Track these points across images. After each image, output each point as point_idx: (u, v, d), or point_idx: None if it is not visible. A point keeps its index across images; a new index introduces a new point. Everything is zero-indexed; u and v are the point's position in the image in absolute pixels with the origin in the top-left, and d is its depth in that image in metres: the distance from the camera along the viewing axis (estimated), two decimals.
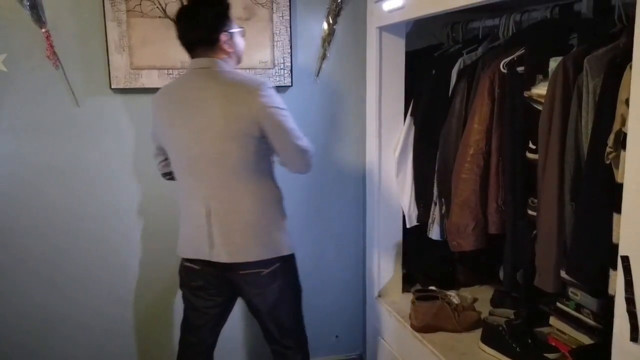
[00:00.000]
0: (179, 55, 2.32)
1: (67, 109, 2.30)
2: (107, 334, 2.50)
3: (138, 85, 2.32)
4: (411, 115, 2.46)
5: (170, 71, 2.34)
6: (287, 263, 1.97)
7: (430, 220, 2.38)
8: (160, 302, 2.54)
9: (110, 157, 2.38)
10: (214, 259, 1.87)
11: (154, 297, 2.54)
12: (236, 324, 2.61)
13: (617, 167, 1.43)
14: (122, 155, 2.40)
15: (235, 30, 1.90)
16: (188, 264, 1.96)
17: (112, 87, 2.31)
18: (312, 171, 2.60)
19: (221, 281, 1.94)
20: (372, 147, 2.55)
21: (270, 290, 1.94)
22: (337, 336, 2.80)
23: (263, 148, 1.84)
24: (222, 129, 1.78)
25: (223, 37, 1.84)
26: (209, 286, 1.96)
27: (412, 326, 2.25)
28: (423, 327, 2.22)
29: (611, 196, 1.43)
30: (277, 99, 1.83)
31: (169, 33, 2.28)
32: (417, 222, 2.50)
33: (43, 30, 2.19)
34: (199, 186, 1.86)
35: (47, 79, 2.26)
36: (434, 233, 2.36)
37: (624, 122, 1.38)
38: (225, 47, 1.85)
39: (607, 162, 1.45)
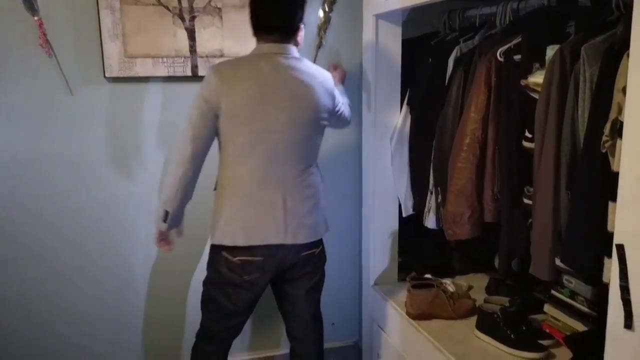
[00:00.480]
0: (173, 43, 2.31)
1: (60, 98, 2.28)
2: (108, 323, 2.50)
3: (132, 74, 2.31)
4: (407, 104, 2.46)
5: (165, 60, 2.32)
6: (323, 243, 2.09)
7: (426, 209, 2.39)
8: (163, 290, 2.54)
9: (105, 146, 2.37)
10: (288, 242, 1.92)
11: (156, 287, 2.53)
12: None
13: (613, 156, 1.43)
14: (116, 145, 2.38)
15: (303, 24, 1.95)
16: (246, 257, 1.90)
17: (106, 75, 2.29)
18: None
19: (275, 267, 1.95)
20: (368, 136, 2.55)
21: (319, 270, 2.09)
22: (333, 324, 2.81)
23: (322, 137, 2.01)
24: (313, 116, 1.89)
25: (300, 28, 1.93)
26: (262, 277, 1.95)
27: (408, 314, 2.26)
28: (419, 314, 2.23)
29: (607, 185, 1.43)
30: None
31: (164, 21, 2.27)
32: (413, 211, 2.51)
33: (35, 18, 2.17)
34: (276, 170, 1.87)
35: (40, 67, 2.24)
36: (430, 222, 2.37)
37: (620, 110, 1.38)
38: (298, 38, 1.94)
39: (603, 150, 1.46)
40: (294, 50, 1.91)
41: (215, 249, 1.94)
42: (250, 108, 1.82)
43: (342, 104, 2.11)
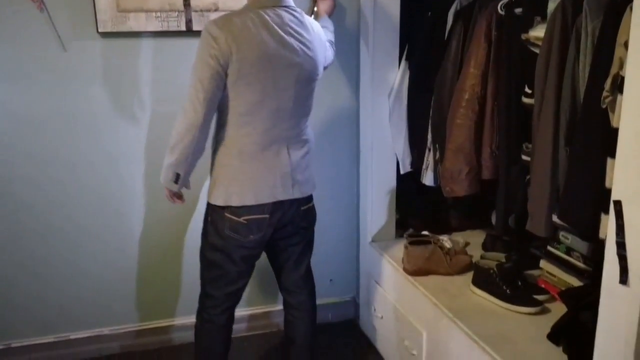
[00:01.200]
0: None
1: (53, 54, 2.24)
2: (107, 278, 2.53)
3: (126, 29, 2.26)
4: (406, 59, 2.42)
5: (159, 14, 2.27)
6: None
7: (424, 166, 2.39)
8: (160, 246, 2.56)
9: (99, 103, 2.34)
10: (295, 196, 1.94)
11: (153, 242, 2.55)
12: None
13: (613, 112, 1.42)
14: (111, 101, 2.35)
15: None
16: (253, 216, 1.88)
17: (99, 30, 2.24)
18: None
19: (278, 223, 1.95)
20: (366, 93, 2.52)
21: (313, 222, 2.11)
22: (331, 280, 2.85)
23: None
24: (314, 71, 1.89)
25: None
26: (266, 235, 1.94)
27: (405, 270, 2.29)
28: (415, 270, 2.26)
29: (606, 141, 1.42)
30: None
31: None
32: (411, 168, 2.51)
33: None
34: (281, 127, 1.86)
35: (31, 22, 2.19)
36: (428, 179, 2.37)
37: (621, 65, 1.37)
38: None
39: (604, 106, 1.44)
40: (291, 0, 1.87)
41: (217, 211, 1.90)
42: (261, 65, 1.76)
43: (330, 46, 2.14)
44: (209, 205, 1.95)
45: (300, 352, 2.18)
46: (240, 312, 2.69)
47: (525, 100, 1.86)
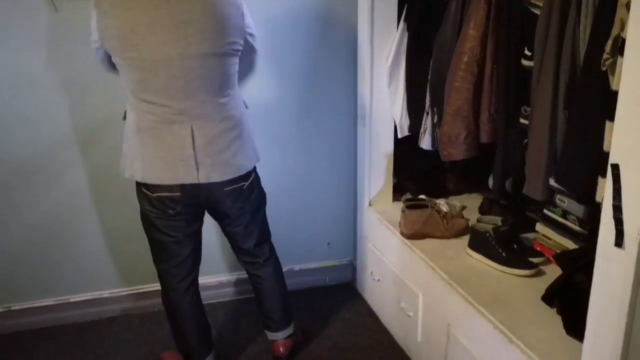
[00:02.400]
0: None
1: (44, 16, 2.20)
2: (103, 243, 2.55)
3: None
4: (404, 21, 2.38)
5: None
6: (255, 171, 2.02)
7: (421, 130, 2.38)
8: None
9: (93, 65, 2.30)
10: (202, 181, 1.83)
11: None
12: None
13: (613, 74, 1.40)
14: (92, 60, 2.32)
15: None
16: (164, 194, 1.83)
17: None
18: (302, 83, 2.57)
19: (198, 202, 1.90)
20: (363, 55, 2.49)
21: (250, 200, 1.99)
22: (328, 243, 2.87)
23: (237, 62, 1.84)
24: (217, 42, 1.73)
25: None
26: (186, 210, 1.90)
27: (402, 233, 2.30)
28: (412, 234, 2.27)
29: (605, 104, 1.41)
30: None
31: None
32: (409, 132, 2.49)
33: None
34: (181, 105, 1.75)
35: None
36: (425, 143, 2.36)
37: (623, 27, 1.35)
38: None
39: (604, 68, 1.43)
40: None
41: (137, 185, 1.89)
42: (134, 39, 1.66)
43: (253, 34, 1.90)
44: None
45: (271, 312, 2.22)
46: (226, 277, 2.73)
47: (525, 62, 1.84)
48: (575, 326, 1.57)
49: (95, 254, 2.55)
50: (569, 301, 1.66)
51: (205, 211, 2.01)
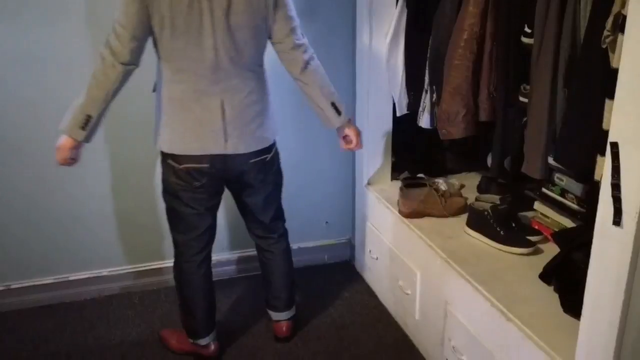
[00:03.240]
0: None
1: None
2: (102, 223, 2.55)
3: None
4: None
5: None
6: (276, 145, 2.06)
7: (420, 109, 2.36)
8: (151, 190, 2.56)
9: (86, 41, 2.28)
10: (230, 152, 1.88)
11: (143, 185, 2.55)
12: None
13: (614, 52, 1.39)
14: (99, 40, 2.29)
15: None
16: (192, 165, 1.87)
17: None
18: None
19: (224, 173, 1.94)
20: (362, 33, 2.47)
21: (271, 173, 2.06)
22: (327, 222, 2.88)
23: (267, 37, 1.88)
24: (250, 14, 1.77)
25: None
26: (211, 183, 1.93)
27: (400, 212, 2.30)
28: (411, 213, 2.27)
29: (605, 81, 1.40)
30: None
31: None
32: (407, 110, 2.48)
33: None
34: (214, 77, 1.79)
35: None
36: (424, 121, 2.35)
37: (624, 4, 1.33)
38: None
39: (604, 46, 1.41)
40: None
41: (163, 157, 1.91)
42: (179, 9, 1.69)
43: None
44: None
45: (278, 292, 2.25)
46: (227, 255, 2.74)
47: (525, 40, 1.82)
48: (573, 304, 1.58)
49: (95, 232, 2.55)
50: (567, 279, 1.67)
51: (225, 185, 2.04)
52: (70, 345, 2.29)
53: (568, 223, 1.99)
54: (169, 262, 2.64)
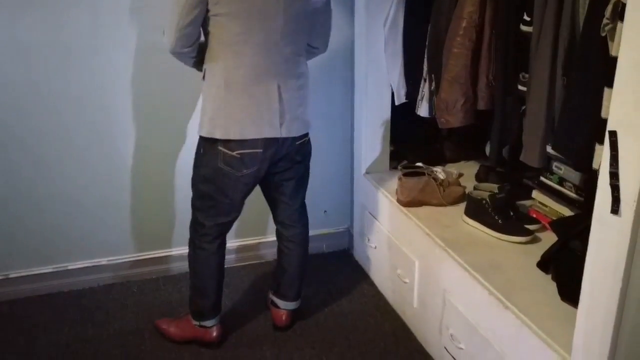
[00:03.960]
0: None
1: None
2: (100, 209, 2.54)
3: None
4: None
5: None
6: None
7: (419, 97, 2.36)
8: (152, 178, 2.56)
9: (86, 29, 2.27)
10: (284, 135, 1.92)
11: (146, 174, 2.55)
12: None
13: (613, 40, 1.39)
14: (98, 26, 2.28)
15: None
16: (246, 150, 1.87)
17: None
18: None
19: (273, 157, 1.95)
20: (360, 21, 2.46)
21: (307, 155, 2.12)
22: (325, 211, 2.88)
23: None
24: (305, 2, 1.83)
25: None
26: (260, 169, 1.94)
27: (399, 201, 2.30)
28: (409, 201, 2.27)
29: (604, 70, 1.40)
30: None
31: None
32: (406, 99, 2.48)
33: None
34: (271, 60, 1.82)
35: None
36: (423, 110, 2.35)
37: None
38: None
39: (603, 34, 1.41)
40: None
41: (209, 144, 1.89)
42: None
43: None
44: (200, 137, 1.93)
45: (292, 281, 2.26)
46: (229, 244, 2.74)
47: (524, 28, 1.82)
48: (570, 292, 1.59)
49: (93, 221, 2.55)
50: (564, 267, 1.68)
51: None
52: (69, 334, 2.29)
53: (566, 212, 1.99)
54: (168, 251, 2.67)
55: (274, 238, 2.29)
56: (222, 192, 1.96)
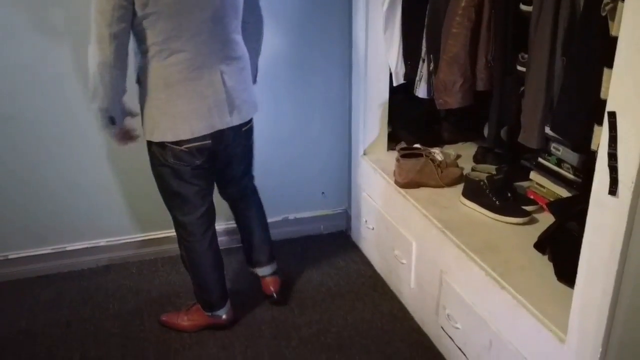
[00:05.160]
0: None
1: None
2: (99, 193, 2.54)
3: None
4: None
5: None
6: None
7: (417, 78, 2.35)
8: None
9: (84, 11, 2.25)
10: (235, 123, 1.89)
11: (141, 155, 2.53)
12: None
13: (613, 20, 1.37)
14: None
15: None
16: (194, 144, 1.83)
17: None
18: (295, 30, 2.51)
19: (220, 146, 1.92)
20: (358, 1, 2.43)
21: (252, 134, 2.10)
22: (323, 193, 2.88)
23: None
24: None
25: None
26: (209, 158, 1.93)
27: (396, 182, 2.30)
28: (406, 183, 2.27)
29: (604, 50, 1.39)
30: None
31: None
32: (404, 80, 2.46)
33: None
34: (208, 51, 1.76)
35: None
36: (421, 91, 2.33)
37: None
38: None
39: (603, 14, 1.39)
40: None
41: (157, 145, 1.86)
42: None
43: None
44: (147, 141, 1.88)
45: (260, 246, 2.29)
46: (233, 224, 2.74)
47: (523, 7, 1.80)
48: (566, 273, 1.60)
49: (92, 202, 2.55)
50: (561, 248, 1.68)
51: None
52: (69, 315, 2.31)
53: (563, 193, 2.00)
54: (167, 232, 2.66)
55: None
56: (186, 184, 1.93)
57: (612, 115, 1.19)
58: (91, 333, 2.20)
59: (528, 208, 2.02)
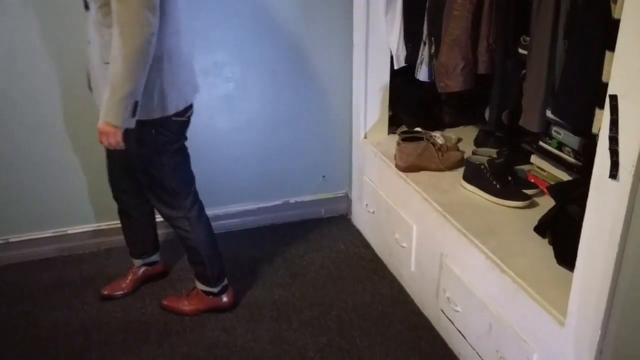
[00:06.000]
0: None
1: None
2: (100, 176, 2.54)
3: None
4: None
5: None
6: None
7: (418, 61, 2.34)
8: None
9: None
10: (198, 90, 1.97)
11: None
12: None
13: (615, 2, 1.36)
14: None
15: None
16: (189, 114, 1.93)
17: None
18: (296, 12, 2.50)
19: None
20: None
21: None
22: (324, 176, 2.88)
23: None
24: None
25: None
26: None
27: (397, 166, 2.30)
28: (407, 167, 2.27)
29: (606, 33, 1.38)
30: None
31: None
32: (405, 63, 2.45)
33: None
34: (181, 17, 1.80)
35: None
36: (422, 74, 2.32)
37: None
38: None
39: None
40: None
41: (160, 122, 1.83)
42: None
43: None
44: (144, 121, 1.79)
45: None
46: (234, 208, 2.76)
47: None
48: (567, 256, 1.60)
49: (93, 186, 2.55)
50: (561, 232, 1.69)
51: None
52: (70, 298, 2.32)
53: (564, 176, 2.00)
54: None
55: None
56: (185, 153, 2.01)
57: (614, 99, 1.18)
58: (93, 316, 2.22)
59: (528, 192, 2.02)
